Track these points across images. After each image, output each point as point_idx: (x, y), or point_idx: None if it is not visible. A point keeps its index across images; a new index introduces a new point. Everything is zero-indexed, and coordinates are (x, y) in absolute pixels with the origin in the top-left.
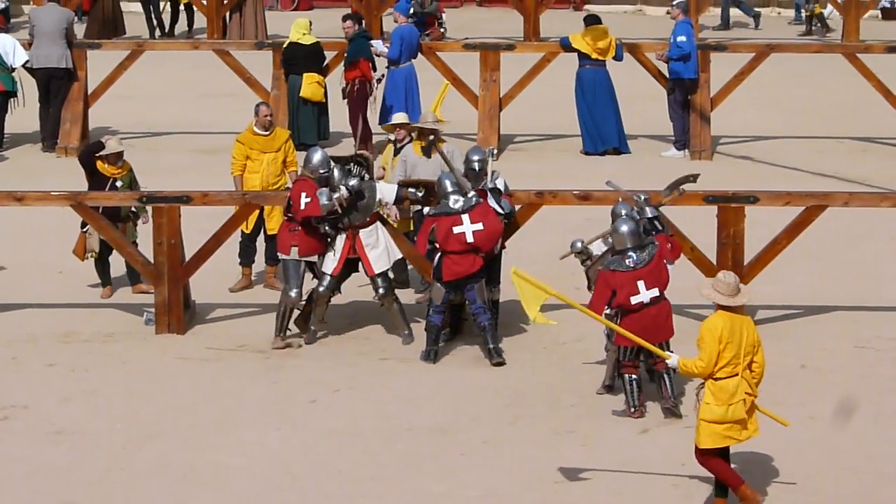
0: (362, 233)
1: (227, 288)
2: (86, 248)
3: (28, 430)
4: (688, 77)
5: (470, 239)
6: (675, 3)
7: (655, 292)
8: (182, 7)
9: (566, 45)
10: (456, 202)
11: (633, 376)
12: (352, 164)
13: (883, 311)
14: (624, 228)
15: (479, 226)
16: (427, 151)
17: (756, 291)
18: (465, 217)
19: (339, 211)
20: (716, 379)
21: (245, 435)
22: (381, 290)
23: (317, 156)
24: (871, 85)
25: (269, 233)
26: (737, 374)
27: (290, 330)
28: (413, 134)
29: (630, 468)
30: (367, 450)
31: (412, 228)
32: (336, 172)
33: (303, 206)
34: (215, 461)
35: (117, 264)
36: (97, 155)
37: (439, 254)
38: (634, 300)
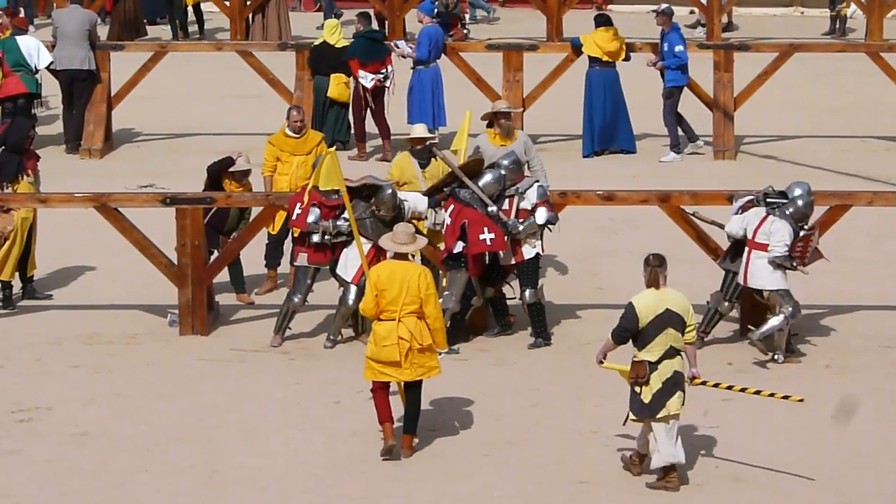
0: None
1: (255, 291)
2: None
3: (52, 431)
4: (685, 84)
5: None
6: (660, 10)
7: None
8: (190, 8)
9: (577, 46)
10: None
11: None
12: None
13: None
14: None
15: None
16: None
17: None
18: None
19: (320, 240)
20: (379, 321)
21: (269, 436)
22: None
23: (388, 192)
24: (894, 84)
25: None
26: (394, 319)
27: (289, 329)
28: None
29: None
30: None
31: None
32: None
33: (294, 216)
34: (239, 462)
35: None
36: (227, 170)
37: None
38: None
